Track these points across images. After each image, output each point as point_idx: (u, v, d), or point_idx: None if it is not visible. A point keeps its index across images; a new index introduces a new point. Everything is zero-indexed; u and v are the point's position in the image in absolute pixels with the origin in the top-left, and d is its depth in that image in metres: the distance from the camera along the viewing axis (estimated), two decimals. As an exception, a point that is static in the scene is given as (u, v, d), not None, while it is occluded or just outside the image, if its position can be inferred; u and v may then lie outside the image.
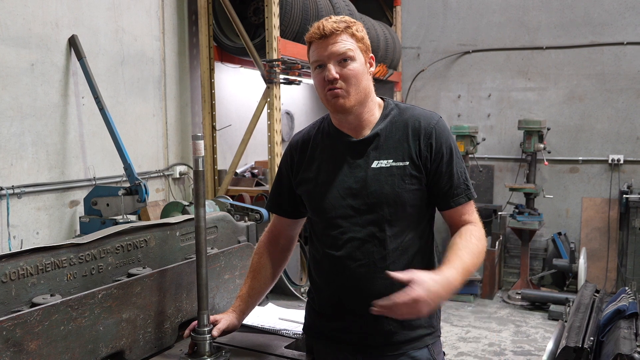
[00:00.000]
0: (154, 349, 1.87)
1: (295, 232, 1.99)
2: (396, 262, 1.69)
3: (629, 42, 6.57)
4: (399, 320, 1.69)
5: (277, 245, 1.97)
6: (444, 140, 1.70)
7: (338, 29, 1.65)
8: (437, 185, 1.70)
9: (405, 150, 1.69)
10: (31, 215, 3.77)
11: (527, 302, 6.11)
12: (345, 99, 1.66)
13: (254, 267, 1.94)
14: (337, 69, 1.65)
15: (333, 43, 1.65)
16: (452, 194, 1.70)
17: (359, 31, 1.69)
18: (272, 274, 1.96)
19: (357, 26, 1.69)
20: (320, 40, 1.66)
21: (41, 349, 1.48)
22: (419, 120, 1.71)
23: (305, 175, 1.81)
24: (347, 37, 1.66)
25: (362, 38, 1.69)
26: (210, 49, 5.14)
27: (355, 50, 1.66)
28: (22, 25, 3.67)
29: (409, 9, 7.66)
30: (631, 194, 6.28)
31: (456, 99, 7.50)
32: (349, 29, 1.66)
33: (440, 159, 1.69)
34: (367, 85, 1.71)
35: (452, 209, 1.71)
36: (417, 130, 1.69)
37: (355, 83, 1.66)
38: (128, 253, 1.93)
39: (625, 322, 3.00)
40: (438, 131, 1.70)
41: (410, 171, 1.67)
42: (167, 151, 5.04)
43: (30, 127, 3.74)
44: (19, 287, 1.59)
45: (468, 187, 1.73)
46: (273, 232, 1.98)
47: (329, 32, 1.65)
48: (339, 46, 1.65)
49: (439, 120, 1.73)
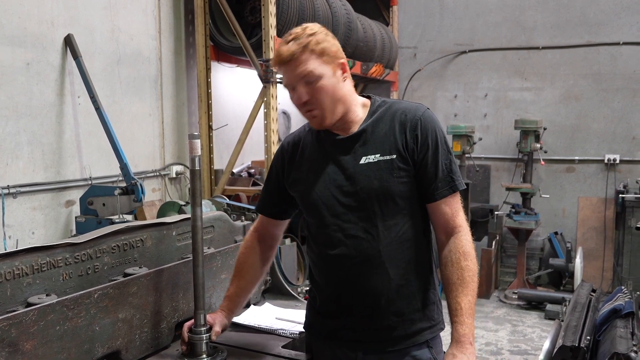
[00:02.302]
0: (150, 349, 1.87)
1: (281, 231, 2.00)
2: (391, 257, 1.68)
3: (625, 42, 6.59)
4: (398, 315, 1.70)
5: (263, 244, 1.97)
6: (429, 131, 1.69)
7: (296, 53, 1.62)
8: (424, 177, 1.69)
9: (392, 143, 1.68)
10: (27, 215, 3.76)
11: (524, 302, 6.12)
12: (322, 118, 1.69)
13: (241, 266, 1.95)
14: (306, 89, 1.65)
15: (294, 67, 1.64)
16: (437, 186, 1.69)
17: (318, 44, 1.64)
18: (259, 273, 1.96)
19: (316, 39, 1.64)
20: (283, 65, 1.66)
21: (37, 349, 1.47)
22: (405, 112, 1.71)
23: (296, 176, 1.81)
24: (307, 55, 1.63)
25: (323, 51, 1.64)
26: (206, 48, 5.13)
27: (318, 66, 1.64)
28: (18, 24, 3.65)
29: (405, 9, 7.66)
30: (627, 194, 6.29)
31: (453, 99, 7.51)
32: (306, 48, 1.63)
33: (426, 150, 1.68)
34: (344, 93, 1.70)
35: (436, 202, 1.70)
36: (403, 123, 1.69)
37: (327, 99, 1.66)
38: (124, 253, 1.92)
39: (622, 322, 3.00)
40: (424, 122, 1.69)
41: (397, 164, 1.67)
42: (163, 151, 5.03)
43: (26, 126, 3.73)
44: (15, 287, 1.58)
45: (453, 179, 1.71)
46: (259, 231, 1.97)
47: (287, 58, 1.64)
48: (300, 69, 1.63)
49: (425, 111, 1.72)
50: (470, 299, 1.66)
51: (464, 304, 1.65)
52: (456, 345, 1.63)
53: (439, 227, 1.74)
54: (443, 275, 1.71)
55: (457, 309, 1.65)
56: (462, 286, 1.66)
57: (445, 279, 1.70)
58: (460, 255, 1.68)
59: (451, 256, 1.69)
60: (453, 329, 1.65)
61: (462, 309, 1.64)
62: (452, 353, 1.63)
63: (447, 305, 1.68)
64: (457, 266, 1.67)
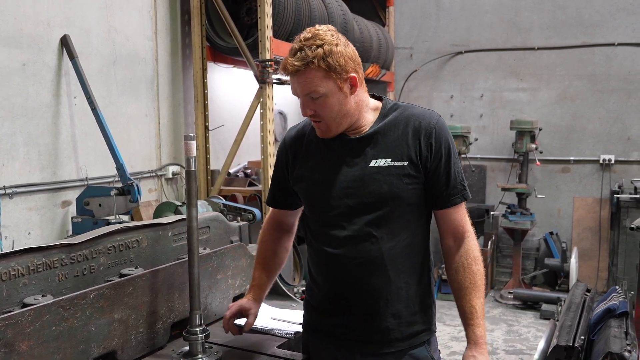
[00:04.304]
0: (146, 349, 1.87)
1: (295, 218, 2.01)
2: (393, 260, 1.70)
3: (620, 43, 6.61)
4: (396, 317, 1.71)
5: (279, 231, 2.00)
6: (443, 139, 1.70)
7: (300, 68, 1.59)
8: (435, 185, 1.71)
9: (404, 149, 1.68)
10: (23, 216, 3.75)
11: (519, 302, 6.14)
12: (326, 130, 1.70)
13: (262, 255, 1.98)
14: (310, 104, 1.65)
15: (300, 82, 1.63)
16: (449, 194, 1.72)
17: (324, 59, 1.58)
18: (280, 260, 2.00)
19: (322, 52, 1.58)
20: (290, 76, 1.65)
21: (32, 350, 1.48)
22: (419, 119, 1.71)
23: (301, 173, 1.81)
24: (313, 71, 1.59)
25: (329, 67, 1.59)
26: (203, 49, 5.13)
27: (323, 83, 1.60)
28: (14, 25, 3.65)
29: (402, 10, 7.67)
30: (622, 194, 6.31)
31: (449, 99, 7.52)
32: (311, 65, 1.58)
33: (439, 158, 1.69)
34: (350, 107, 1.67)
35: (446, 208, 1.73)
36: (417, 130, 1.69)
37: (331, 116, 1.66)
38: (120, 253, 1.93)
39: (616, 321, 3.02)
40: (438, 130, 1.70)
41: (408, 171, 1.68)
42: (159, 151, 5.03)
43: (22, 127, 3.72)
44: (10, 288, 1.58)
45: (464, 187, 1.75)
46: (275, 220, 2.01)
47: (293, 72, 1.62)
48: (304, 86, 1.62)
49: (438, 119, 1.73)
50: (482, 301, 1.72)
51: (478, 307, 1.70)
52: (475, 347, 1.68)
53: (447, 233, 1.76)
54: (454, 279, 1.75)
55: (472, 312, 1.70)
56: (475, 290, 1.71)
57: (457, 283, 1.74)
58: (471, 260, 1.73)
59: (462, 261, 1.73)
60: (470, 331, 1.70)
61: (477, 312, 1.70)
62: (472, 355, 1.67)
63: (459, 309, 1.73)
64: (469, 271, 1.72)
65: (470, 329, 1.69)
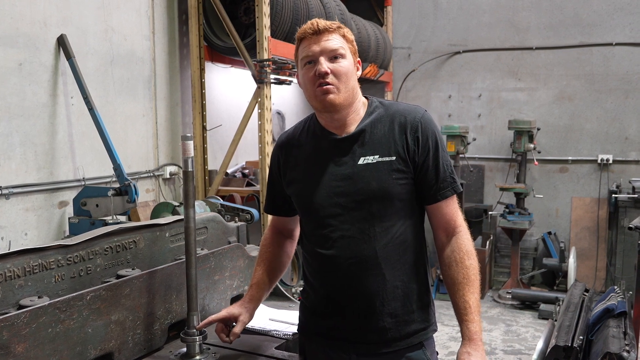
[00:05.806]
0: (143, 351, 1.86)
1: (296, 224, 2.00)
2: (387, 259, 1.69)
3: (618, 43, 6.62)
4: (393, 316, 1.70)
5: (281, 236, 2.00)
6: (430, 133, 1.71)
7: (331, 27, 1.69)
8: (425, 179, 1.71)
9: (391, 145, 1.69)
10: (19, 216, 3.74)
11: (518, 302, 6.14)
12: (335, 94, 1.68)
13: (263, 256, 1.97)
14: (329, 64, 1.68)
15: (326, 40, 1.68)
16: (439, 187, 1.71)
17: (349, 34, 1.74)
18: (282, 262, 2.00)
19: (348, 30, 1.76)
20: (313, 36, 1.69)
21: (28, 352, 1.47)
22: (405, 115, 1.72)
23: (292, 176, 1.82)
24: (339, 36, 1.71)
25: (352, 41, 1.75)
26: (200, 48, 5.13)
27: (346, 49, 1.71)
28: (10, 25, 3.63)
29: (399, 9, 7.67)
30: (620, 194, 6.32)
31: (447, 99, 7.52)
32: (341, 29, 1.72)
33: (427, 152, 1.70)
34: (355, 85, 1.73)
35: (437, 202, 1.73)
36: (403, 125, 1.71)
37: (345, 80, 1.69)
38: (117, 254, 1.92)
39: (614, 321, 3.02)
40: (424, 124, 1.71)
41: (397, 166, 1.68)
42: (157, 151, 5.02)
43: (19, 127, 3.71)
44: (6, 289, 1.57)
45: (454, 180, 1.74)
46: (276, 227, 2.01)
47: (322, 29, 1.69)
48: (331, 43, 1.68)
49: (424, 113, 1.74)
50: (476, 296, 1.69)
51: (472, 302, 1.68)
52: (469, 343, 1.65)
53: (439, 228, 1.76)
54: (447, 274, 1.73)
55: (466, 307, 1.67)
56: (469, 285, 1.69)
57: (449, 278, 1.72)
58: (463, 254, 1.71)
59: (455, 256, 1.71)
60: (464, 327, 1.67)
61: (471, 307, 1.67)
62: (466, 351, 1.64)
63: (453, 304, 1.71)
64: (461, 265, 1.70)
65: (465, 324, 1.67)
